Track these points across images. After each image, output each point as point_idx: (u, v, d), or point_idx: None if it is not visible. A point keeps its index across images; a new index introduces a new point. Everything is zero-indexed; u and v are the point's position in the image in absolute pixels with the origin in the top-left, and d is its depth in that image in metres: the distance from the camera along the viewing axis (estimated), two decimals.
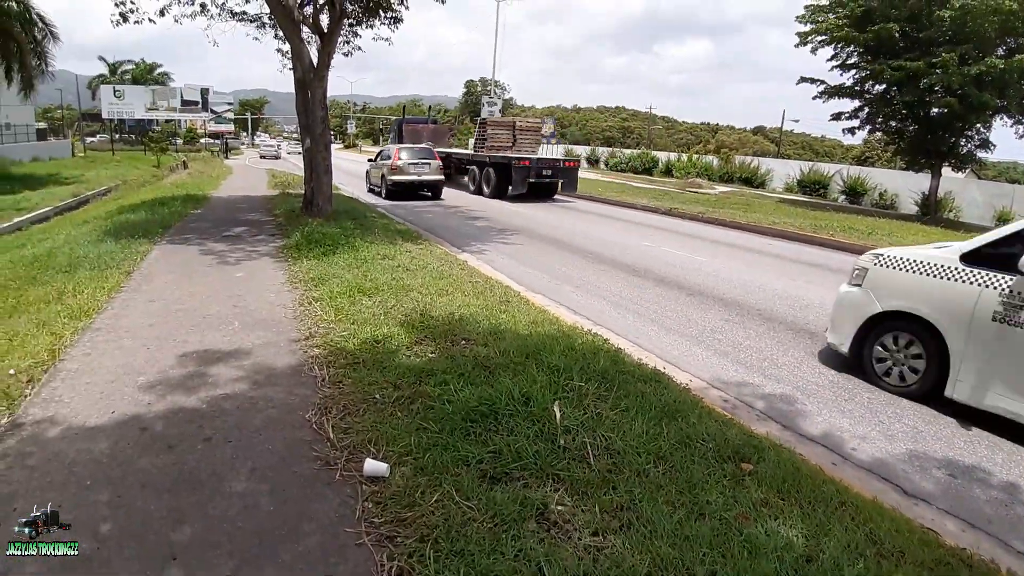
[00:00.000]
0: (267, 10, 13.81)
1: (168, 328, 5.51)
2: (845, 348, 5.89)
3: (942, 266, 5.20)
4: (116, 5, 10.77)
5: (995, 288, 4.81)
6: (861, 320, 5.72)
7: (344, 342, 5.03)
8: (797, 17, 25.36)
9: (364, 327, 5.33)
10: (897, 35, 21.53)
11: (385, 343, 4.99)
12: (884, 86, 23.19)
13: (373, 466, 3.26)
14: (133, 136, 61.02)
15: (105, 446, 3.52)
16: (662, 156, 44.42)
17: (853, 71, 24.47)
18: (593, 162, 51.22)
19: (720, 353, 6.28)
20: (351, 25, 13.85)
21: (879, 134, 28.60)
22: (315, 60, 12.05)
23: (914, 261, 5.43)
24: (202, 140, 62.08)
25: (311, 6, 12.92)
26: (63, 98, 68.78)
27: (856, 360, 5.86)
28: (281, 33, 14.31)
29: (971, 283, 4.97)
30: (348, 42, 14.74)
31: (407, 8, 12.96)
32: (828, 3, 24.17)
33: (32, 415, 3.89)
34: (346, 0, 11.95)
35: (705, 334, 6.87)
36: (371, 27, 13.51)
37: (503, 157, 20.77)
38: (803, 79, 26.10)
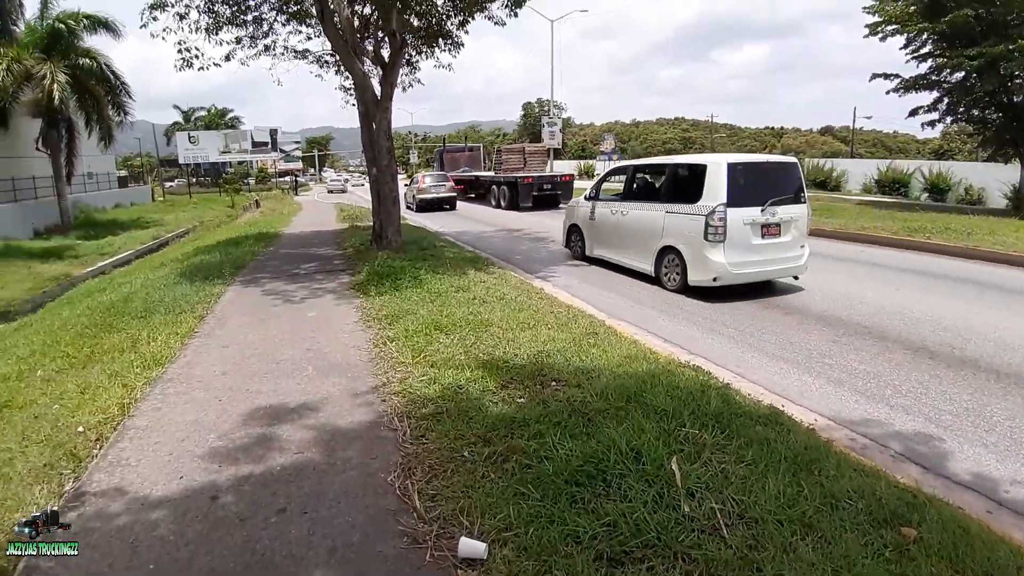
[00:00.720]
0: (328, 47, 13.88)
1: (240, 377, 5.23)
2: (562, 243, 12.65)
3: (580, 201, 11.82)
4: (180, 52, 10.92)
5: (588, 207, 11.32)
6: (565, 229, 12.48)
7: (424, 388, 4.62)
8: (864, 8, 24.18)
9: (444, 370, 4.90)
10: (972, 20, 20.16)
11: (469, 388, 4.55)
12: (963, 74, 21.75)
13: (469, 546, 2.78)
14: (208, 179, 63.59)
15: (172, 520, 3.18)
16: None
17: (929, 60, 23.13)
18: None
19: (834, 381, 5.58)
20: (410, 57, 13.74)
21: (958, 125, 26.98)
22: (378, 92, 11.94)
23: (574, 201, 12.34)
24: (273, 179, 64.20)
25: (372, 39, 12.86)
26: (141, 146, 72.54)
27: (567, 247, 12.53)
28: (343, 69, 14.38)
29: (584, 207, 11.48)
30: (409, 74, 14.66)
31: (467, 33, 12.77)
32: None
33: (97, 482, 3.62)
34: (406, 31, 11.80)
35: (812, 359, 6.17)
36: (431, 55, 13.37)
37: (512, 177, 24.72)
38: (876, 75, 24.73)
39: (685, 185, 9.06)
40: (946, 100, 23.36)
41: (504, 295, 7.67)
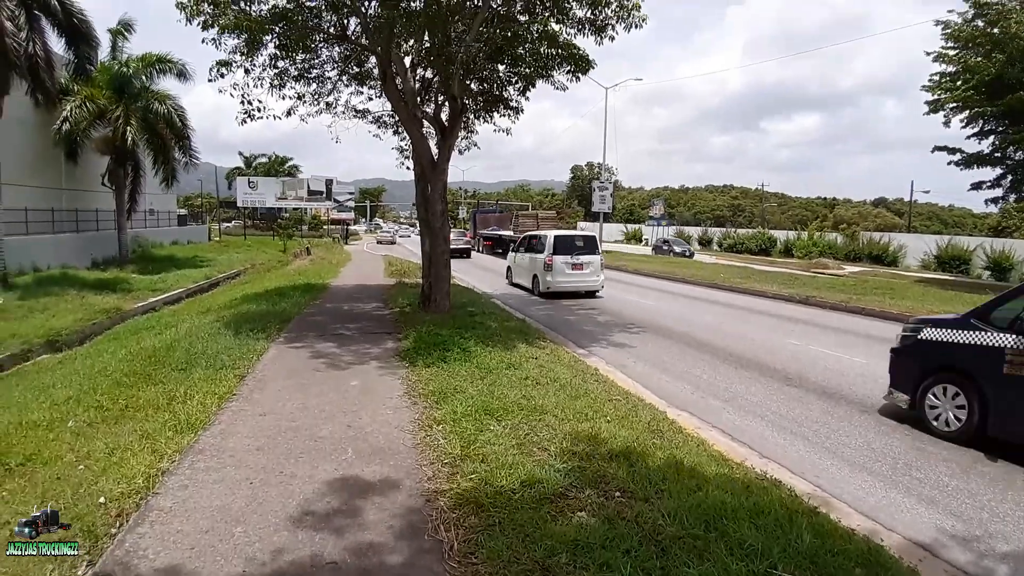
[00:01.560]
0: (387, 108, 13.99)
1: (276, 455, 4.84)
2: (506, 280, 20.98)
3: (510, 253, 21.22)
4: (242, 103, 11.03)
5: (513, 256, 20.49)
6: (506, 268, 21.37)
7: (475, 489, 4.13)
8: (923, 87, 24.08)
9: (497, 469, 4.40)
10: None
11: (523, 494, 4.05)
12: None
13: None
14: (264, 222, 65.16)
15: None
16: (780, 235, 42.53)
17: (991, 136, 22.65)
18: (706, 243, 49.75)
19: (926, 500, 4.95)
20: (468, 121, 13.70)
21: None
22: (435, 154, 11.85)
23: (510, 254, 21.25)
24: (325, 227, 65.53)
25: (432, 103, 12.88)
26: (203, 187, 75.17)
27: (506, 278, 21.21)
28: (401, 130, 14.44)
29: (511, 255, 20.78)
30: (466, 137, 14.63)
31: (527, 99, 12.67)
32: (955, 70, 22.60)
33: (108, 572, 3.24)
34: (466, 96, 11.74)
35: (898, 471, 5.54)
36: (490, 120, 13.31)
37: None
38: (937, 148, 24.72)
39: (540, 245, 17.67)
40: (1010, 177, 22.82)
41: (558, 377, 7.18)
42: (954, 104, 22.82)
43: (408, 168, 13.30)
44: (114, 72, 26.47)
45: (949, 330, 6.46)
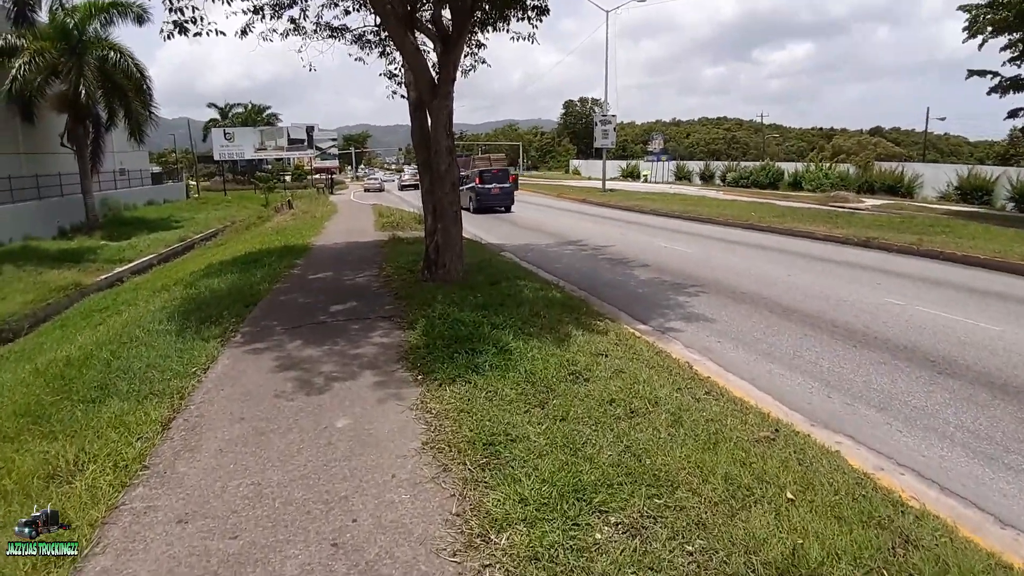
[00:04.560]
0: (369, 22, 11.19)
1: None
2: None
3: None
4: (169, 9, 7.99)
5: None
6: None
7: None
8: (959, 7, 22.42)
9: None
10: None
11: None
12: None
13: None
14: (243, 176, 62.07)
15: None
16: (787, 167, 39.67)
17: None
18: (707, 178, 46.87)
19: None
20: (474, 30, 10.79)
21: None
22: (435, 76, 9.14)
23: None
24: (309, 177, 62.21)
25: (429, 4, 10.05)
26: (176, 142, 71.63)
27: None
28: (389, 49, 11.67)
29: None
30: (473, 54, 11.77)
31: None
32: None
33: None
34: None
35: None
36: (504, 28, 10.41)
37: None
38: (972, 72, 23.33)
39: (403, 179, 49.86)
40: None
41: (655, 393, 4.62)
42: (992, 28, 21.18)
43: (402, 96, 10.55)
44: (62, 20, 23.69)
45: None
